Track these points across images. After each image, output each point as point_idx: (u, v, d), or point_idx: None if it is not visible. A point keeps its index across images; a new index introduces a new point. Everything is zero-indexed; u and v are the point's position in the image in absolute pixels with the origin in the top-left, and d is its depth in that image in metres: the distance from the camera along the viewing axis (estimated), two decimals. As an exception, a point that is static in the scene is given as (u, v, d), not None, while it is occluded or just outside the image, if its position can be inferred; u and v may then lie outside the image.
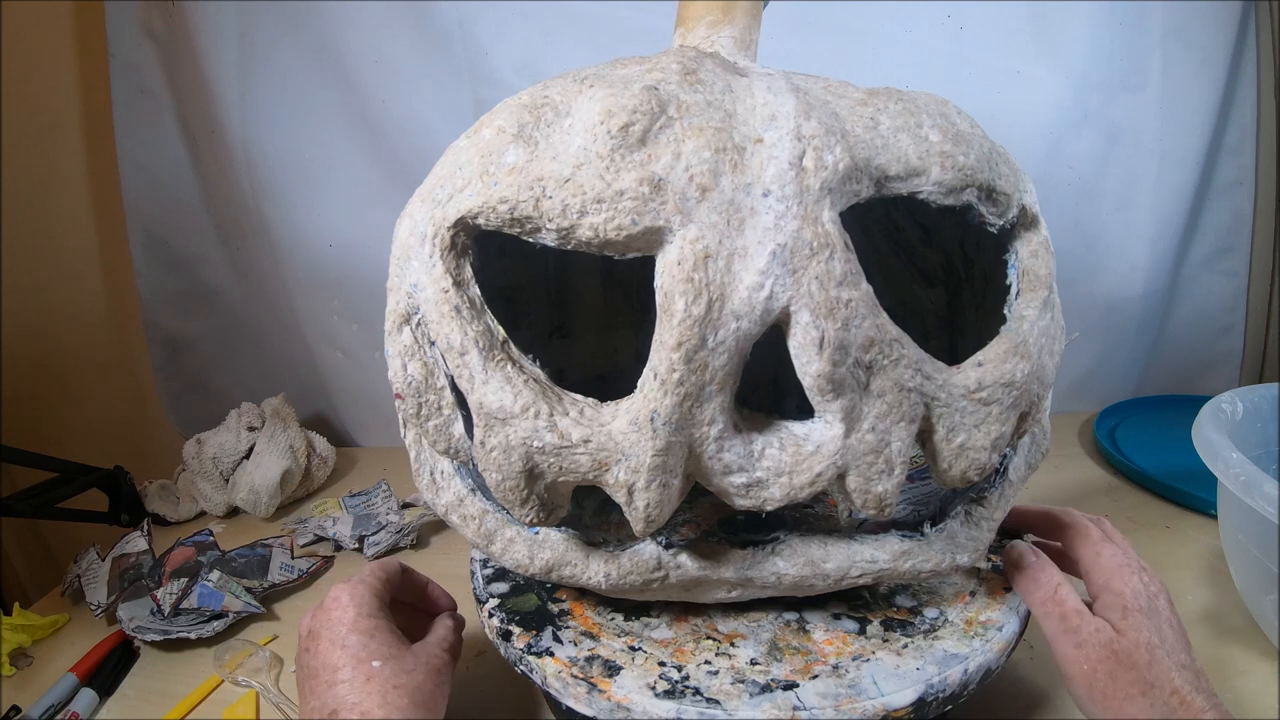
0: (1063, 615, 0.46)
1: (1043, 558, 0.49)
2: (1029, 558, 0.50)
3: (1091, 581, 0.48)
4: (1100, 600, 0.46)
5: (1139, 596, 0.45)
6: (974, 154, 0.41)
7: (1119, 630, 0.44)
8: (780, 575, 0.45)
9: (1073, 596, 0.46)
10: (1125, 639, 0.43)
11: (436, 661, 0.49)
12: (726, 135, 0.38)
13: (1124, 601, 0.45)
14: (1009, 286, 0.45)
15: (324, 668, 0.46)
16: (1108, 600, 0.46)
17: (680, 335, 0.36)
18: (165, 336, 1.19)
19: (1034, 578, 0.48)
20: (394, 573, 0.54)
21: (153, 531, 0.88)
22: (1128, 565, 0.47)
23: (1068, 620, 0.45)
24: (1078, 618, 0.45)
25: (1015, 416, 0.42)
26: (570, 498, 0.43)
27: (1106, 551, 0.48)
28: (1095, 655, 0.44)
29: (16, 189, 1.00)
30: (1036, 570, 0.49)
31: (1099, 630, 0.44)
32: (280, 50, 1.01)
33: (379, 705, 0.44)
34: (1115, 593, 0.46)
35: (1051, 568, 0.49)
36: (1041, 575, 0.48)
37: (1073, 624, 0.45)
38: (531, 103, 0.41)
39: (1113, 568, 0.47)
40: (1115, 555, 0.48)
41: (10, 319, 0.99)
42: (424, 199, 0.43)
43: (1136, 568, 0.47)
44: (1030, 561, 0.49)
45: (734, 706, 0.42)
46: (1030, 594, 0.48)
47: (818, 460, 0.38)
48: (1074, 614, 0.45)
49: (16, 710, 0.66)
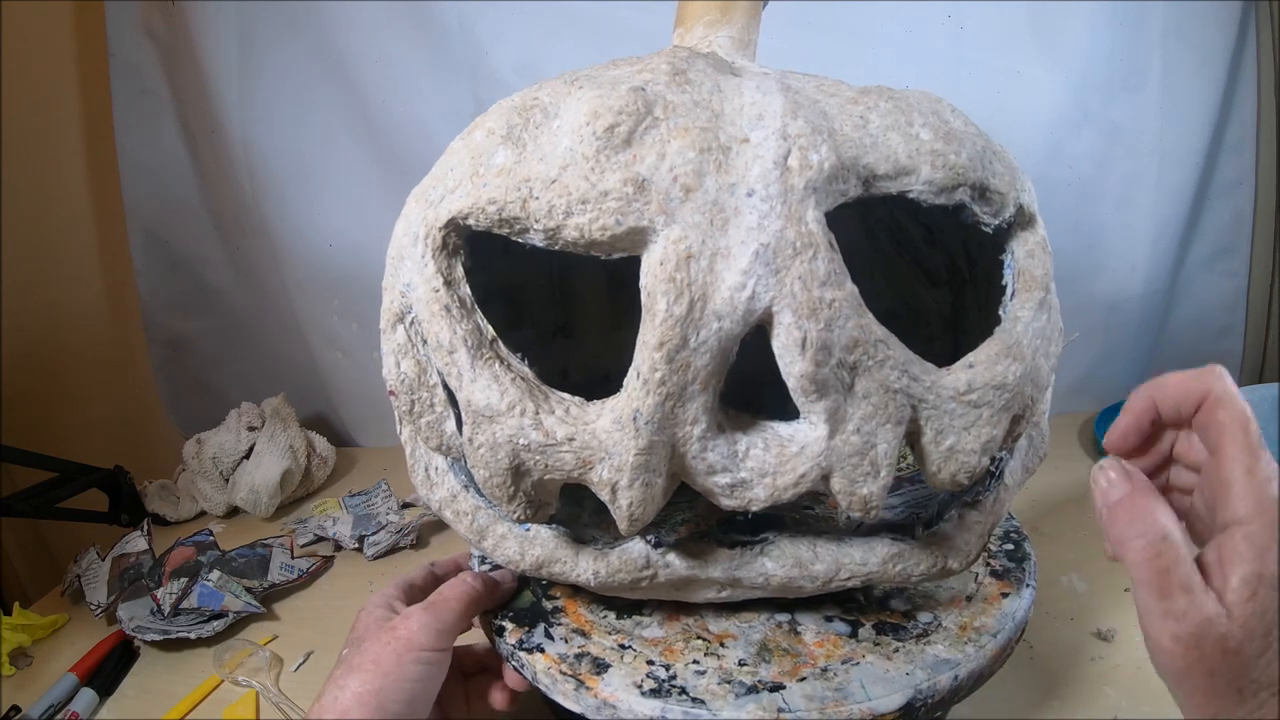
0: (1163, 589, 0.33)
1: (1144, 487, 0.35)
2: (1120, 485, 0.36)
3: (1225, 505, 0.33)
4: (1225, 547, 0.32)
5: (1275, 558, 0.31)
6: (966, 152, 0.41)
7: (1231, 611, 0.31)
8: (768, 576, 0.45)
9: (1182, 560, 0.33)
10: (1237, 625, 0.31)
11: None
12: (712, 135, 0.38)
13: (1261, 567, 0.31)
14: (1004, 287, 0.45)
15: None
16: (1237, 551, 0.32)
17: (662, 335, 0.36)
18: (165, 336, 1.19)
19: (1130, 518, 0.34)
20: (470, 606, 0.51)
21: (153, 531, 0.88)
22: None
23: (1169, 598, 0.32)
24: (1184, 596, 0.32)
25: (1008, 419, 0.41)
26: (558, 495, 0.43)
27: (1263, 472, 0.32)
28: (1192, 644, 0.32)
29: (16, 189, 1.01)
30: (1135, 506, 0.35)
31: (1203, 610, 0.32)
32: (280, 50, 1.01)
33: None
34: (1255, 547, 0.31)
35: (1157, 505, 0.34)
36: (1142, 517, 0.34)
37: (1177, 605, 0.32)
38: (522, 104, 0.41)
39: (1263, 502, 0.32)
40: (1273, 483, 0.32)
41: (10, 319, 1.00)
42: (418, 199, 0.44)
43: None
44: (1121, 492, 0.35)
45: (719, 707, 0.42)
46: (1123, 540, 0.34)
47: (802, 461, 0.38)
48: (1179, 590, 0.32)
49: (16, 710, 0.66)
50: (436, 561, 0.57)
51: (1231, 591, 0.31)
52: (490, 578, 0.52)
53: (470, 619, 0.50)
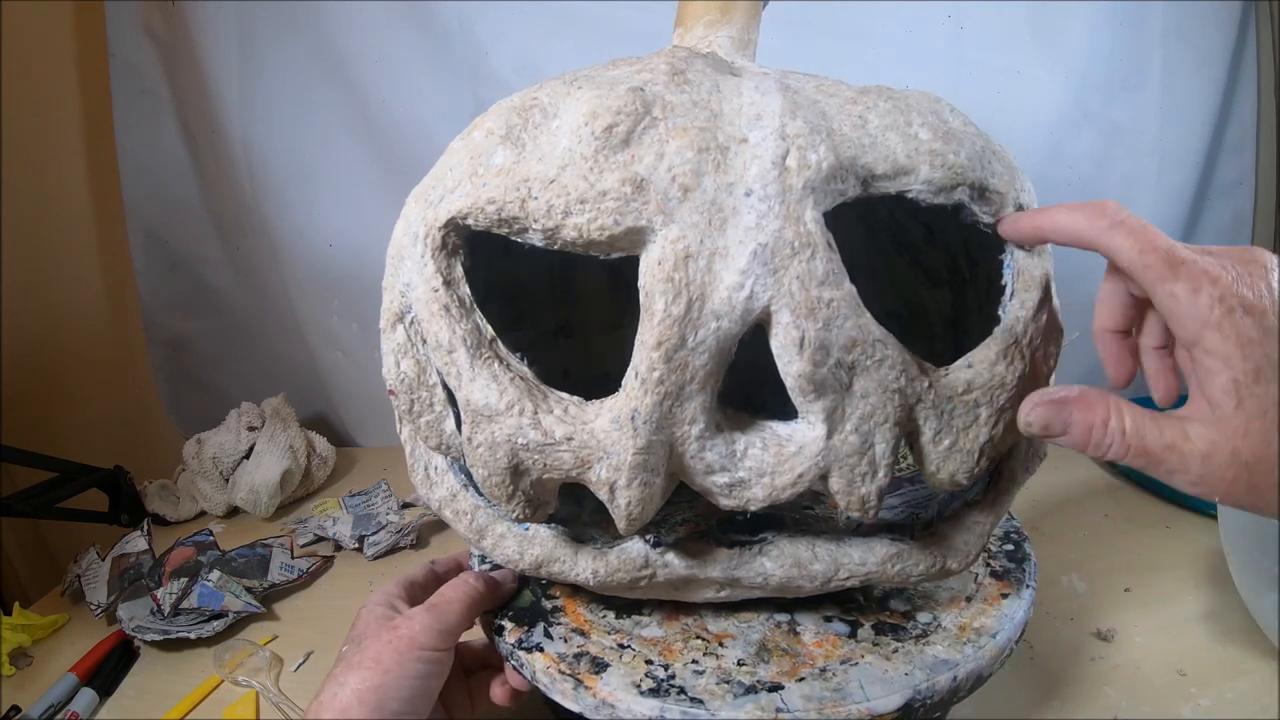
0: (1151, 456, 0.33)
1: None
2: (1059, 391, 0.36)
3: (1177, 334, 0.33)
4: (1195, 374, 0.32)
5: (1249, 352, 0.30)
6: (965, 152, 0.41)
7: (1228, 424, 0.31)
8: (767, 576, 0.45)
9: (1128, 428, 0.33)
10: (1239, 436, 0.31)
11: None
12: (710, 135, 0.38)
13: (1233, 373, 0.30)
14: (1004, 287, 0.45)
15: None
16: (1204, 370, 0.31)
17: (660, 334, 0.36)
18: (165, 336, 1.19)
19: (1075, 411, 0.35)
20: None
21: (153, 531, 0.88)
22: (1221, 308, 0.31)
23: (1162, 461, 0.33)
24: (1172, 454, 0.32)
25: (1007, 419, 0.41)
26: (557, 495, 0.43)
27: (1184, 287, 0.31)
28: (1216, 478, 0.31)
29: (16, 189, 1.01)
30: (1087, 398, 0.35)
31: (1200, 443, 0.31)
32: (280, 50, 1.01)
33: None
34: (1217, 358, 0.31)
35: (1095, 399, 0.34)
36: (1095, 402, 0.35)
37: (1171, 462, 0.32)
38: (521, 105, 0.41)
39: (1198, 313, 0.31)
40: (1200, 292, 0.31)
41: (10, 319, 1.00)
42: (418, 199, 0.44)
43: (1234, 306, 0.31)
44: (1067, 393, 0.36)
45: (717, 707, 0.42)
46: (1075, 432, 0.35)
47: (800, 461, 0.38)
48: (1165, 451, 0.32)
49: (16, 710, 0.66)
50: (437, 560, 0.57)
51: (1218, 407, 0.31)
52: (492, 578, 0.52)
53: (472, 620, 0.50)
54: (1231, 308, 0.31)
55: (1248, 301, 0.31)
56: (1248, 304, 0.31)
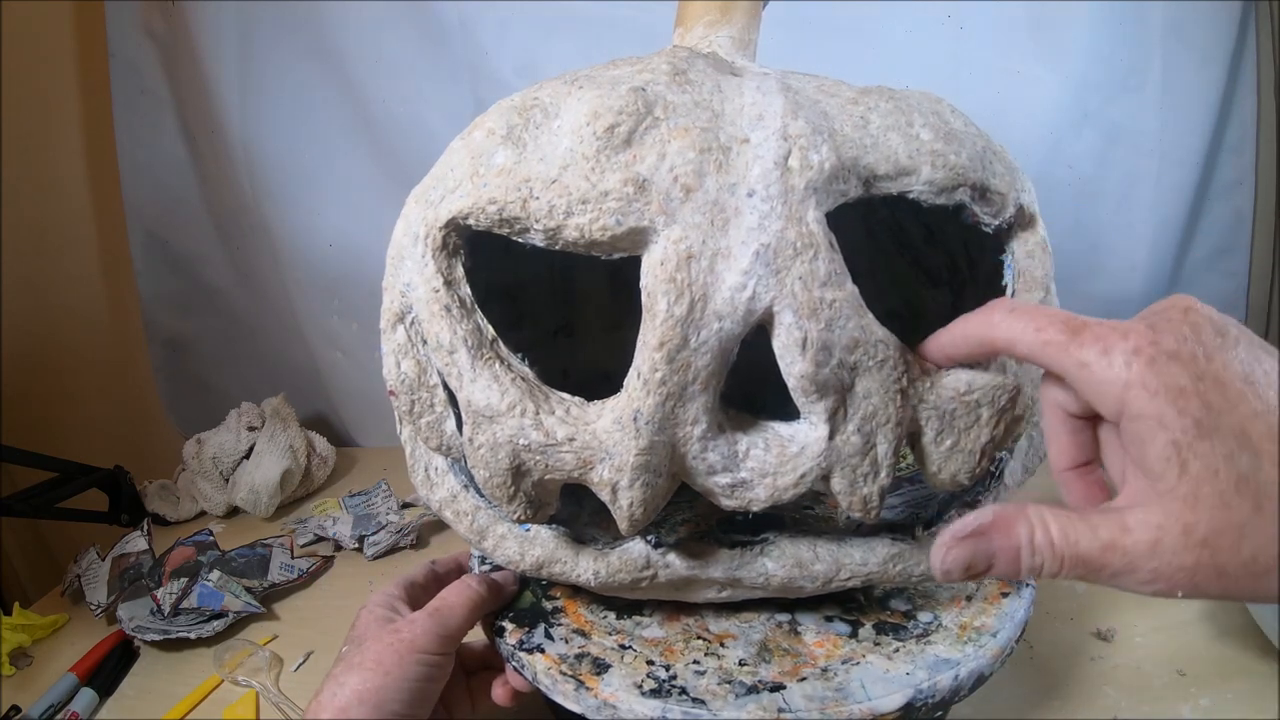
0: (1095, 565, 0.27)
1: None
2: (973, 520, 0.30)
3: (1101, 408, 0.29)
4: (1125, 447, 0.28)
5: (1184, 405, 0.26)
6: (966, 153, 0.41)
7: (1175, 495, 0.26)
8: (768, 576, 0.45)
9: (1055, 538, 0.28)
10: (1187, 508, 0.25)
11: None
12: (712, 135, 0.38)
13: (1171, 435, 0.26)
14: (1005, 287, 0.45)
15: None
16: (1135, 439, 0.27)
17: (662, 335, 0.36)
18: (165, 336, 1.19)
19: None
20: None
21: (153, 531, 0.88)
22: (1140, 360, 0.27)
23: (1104, 566, 0.27)
24: (1114, 556, 0.27)
25: (1008, 420, 0.41)
26: (558, 496, 0.43)
27: (1087, 355, 0.28)
28: (1168, 566, 0.26)
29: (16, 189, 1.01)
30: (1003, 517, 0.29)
31: (1146, 530, 0.26)
32: (280, 50, 1.01)
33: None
34: (1149, 424, 0.26)
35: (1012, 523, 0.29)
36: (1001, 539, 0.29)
37: (1115, 560, 0.27)
38: (522, 104, 0.41)
39: (1109, 388, 0.27)
40: (1110, 359, 0.27)
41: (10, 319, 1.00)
42: (418, 199, 0.44)
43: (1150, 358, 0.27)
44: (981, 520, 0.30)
45: (719, 707, 0.42)
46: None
47: (802, 461, 0.38)
48: (1108, 550, 0.27)
49: (16, 710, 0.66)
50: (437, 560, 0.57)
51: (1159, 479, 0.26)
52: (494, 581, 0.52)
53: (474, 623, 0.50)
54: (1152, 358, 0.26)
55: (1170, 348, 0.27)
56: (1170, 350, 0.26)
